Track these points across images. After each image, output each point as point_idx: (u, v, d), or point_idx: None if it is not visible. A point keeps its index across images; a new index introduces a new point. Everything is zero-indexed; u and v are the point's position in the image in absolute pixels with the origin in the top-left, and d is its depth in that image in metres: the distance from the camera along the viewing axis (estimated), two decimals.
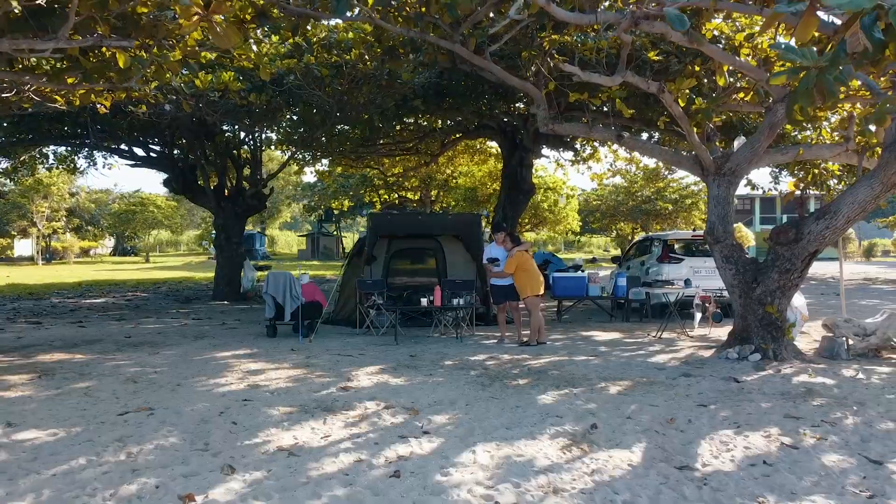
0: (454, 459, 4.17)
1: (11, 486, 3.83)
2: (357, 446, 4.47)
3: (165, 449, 4.42)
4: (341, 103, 11.56)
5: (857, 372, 6.81)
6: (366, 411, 5.32)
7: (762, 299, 7.18)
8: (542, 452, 4.34)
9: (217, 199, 15.09)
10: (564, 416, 5.20)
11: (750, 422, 5.15)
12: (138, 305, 14.88)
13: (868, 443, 4.72)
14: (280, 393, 5.86)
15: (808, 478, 4.06)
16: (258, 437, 4.66)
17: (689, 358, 7.63)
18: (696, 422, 5.13)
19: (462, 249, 11.12)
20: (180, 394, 5.78)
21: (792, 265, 7.07)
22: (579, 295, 11.30)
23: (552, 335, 9.53)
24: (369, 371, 6.85)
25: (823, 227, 6.82)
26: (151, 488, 3.80)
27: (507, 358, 7.72)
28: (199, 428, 4.87)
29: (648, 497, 3.73)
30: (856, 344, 7.54)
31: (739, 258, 7.53)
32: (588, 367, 7.17)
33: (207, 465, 4.14)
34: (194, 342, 8.85)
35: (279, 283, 8.73)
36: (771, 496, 3.78)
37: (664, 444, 4.63)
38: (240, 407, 5.39)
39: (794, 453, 4.49)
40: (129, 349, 8.22)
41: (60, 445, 4.47)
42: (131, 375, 6.50)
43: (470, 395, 5.85)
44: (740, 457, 4.39)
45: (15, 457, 4.26)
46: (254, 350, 8.12)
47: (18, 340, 8.93)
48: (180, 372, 6.71)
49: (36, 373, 6.54)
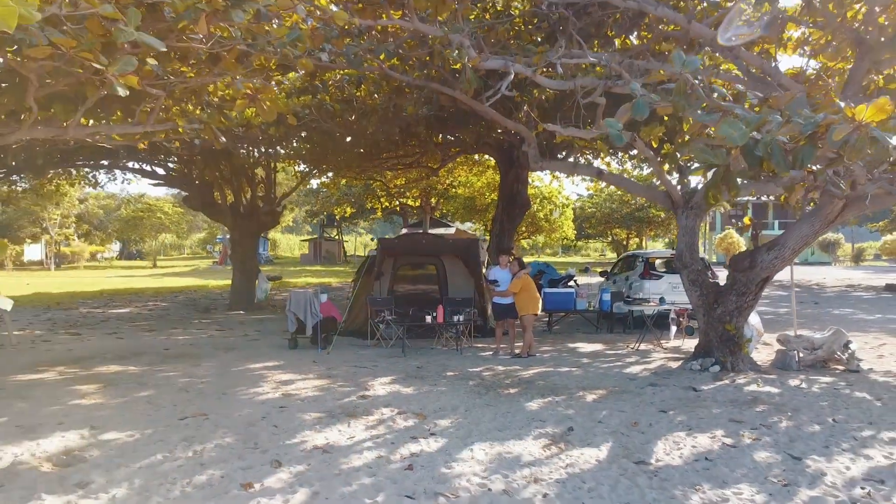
0: (456, 456, 5.25)
1: (109, 476, 4.91)
2: (377, 445, 5.56)
3: (223, 447, 5.51)
4: (351, 132, 12.68)
5: (801, 382, 7.92)
6: (382, 416, 6.42)
7: (722, 318, 8.30)
8: (526, 450, 5.43)
9: (233, 216, 16.19)
10: (547, 420, 6.30)
11: (700, 425, 6.24)
12: (162, 315, 15.98)
13: (794, 443, 5.81)
14: (309, 401, 6.97)
15: (739, 470, 5.14)
16: (296, 438, 5.75)
17: (659, 369, 8.74)
18: (656, 425, 6.23)
19: (462, 266, 12.23)
20: (227, 401, 6.89)
21: (747, 289, 8.19)
22: (568, 308, 12.43)
23: (542, 346, 10.66)
24: (383, 381, 7.96)
25: (773, 257, 7.94)
26: (218, 478, 4.88)
27: (501, 369, 8.84)
28: (247, 430, 5.96)
29: (609, 485, 4.82)
30: (805, 356, 8.65)
31: (704, 282, 8.64)
32: (570, 377, 8.28)
33: (259, 460, 5.23)
34: (226, 354, 9.96)
35: (301, 301, 9.86)
36: (706, 484, 4.86)
37: (627, 443, 5.72)
38: (278, 412, 6.49)
39: (732, 451, 5.58)
40: (173, 361, 9.32)
41: (139, 444, 5.56)
42: (182, 386, 7.61)
43: (468, 402, 6.96)
44: (687, 454, 5.48)
45: (105, 454, 5.35)
46: (280, 362, 9.24)
47: (71, 353, 10.02)
48: (223, 382, 7.81)
49: (101, 383, 7.64)
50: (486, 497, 4.49)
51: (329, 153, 14.21)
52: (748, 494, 4.67)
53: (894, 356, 9.79)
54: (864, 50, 7.21)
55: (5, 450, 5.38)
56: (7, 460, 5.19)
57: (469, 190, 29.60)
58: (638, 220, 33.98)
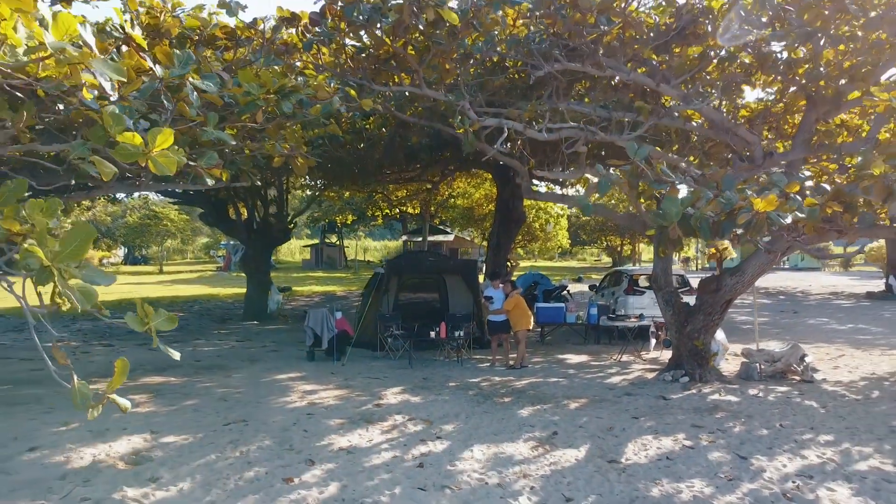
0: (458, 455, 6.37)
1: (174, 473, 6.00)
2: (392, 447, 6.67)
3: (264, 448, 6.61)
4: (360, 159, 13.82)
5: (759, 391, 9.05)
6: (395, 422, 7.54)
7: (691, 335, 9.44)
8: (517, 451, 6.54)
9: (247, 232, 17.31)
10: (535, 425, 7.42)
11: (666, 430, 7.35)
12: (182, 326, 17.06)
13: (743, 444, 6.91)
14: (332, 409, 8.09)
15: (694, 468, 6.25)
16: (324, 441, 6.86)
17: (636, 379, 9.88)
18: (628, 430, 7.35)
19: (462, 282, 13.39)
20: (261, 409, 8.00)
21: (713, 309, 9.33)
22: (559, 321, 13.59)
23: (534, 357, 11.79)
24: (394, 391, 9.08)
25: (735, 282, 9.08)
26: (263, 474, 5.98)
27: (497, 380, 9.97)
28: (282, 434, 7.07)
29: (584, 480, 5.92)
30: (766, 368, 9.79)
31: (676, 302, 9.78)
32: (557, 387, 9.41)
33: (295, 459, 6.33)
34: (252, 366, 11.10)
35: (318, 319, 11.01)
36: (665, 479, 5.97)
37: (602, 445, 6.83)
38: (306, 419, 7.61)
39: (690, 452, 6.69)
40: (206, 372, 10.45)
41: (194, 446, 6.66)
42: (221, 395, 8.73)
43: (469, 410, 8.08)
44: (652, 454, 6.59)
45: (167, 454, 6.45)
46: (302, 373, 10.37)
47: (110, 366, 11.08)
48: (256, 392, 8.93)
49: (150, 393, 8.76)
50: (484, 489, 5.60)
51: (337, 176, 15.37)
52: (699, 487, 5.78)
53: (848, 367, 10.92)
54: (811, 104, 8.36)
55: (84, 451, 6.48)
56: (88, 459, 6.28)
57: (467, 201, 30.78)
58: (631, 228, 35.14)
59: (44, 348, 2.71)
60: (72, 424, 7.34)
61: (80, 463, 6.17)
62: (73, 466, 6.09)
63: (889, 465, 6.27)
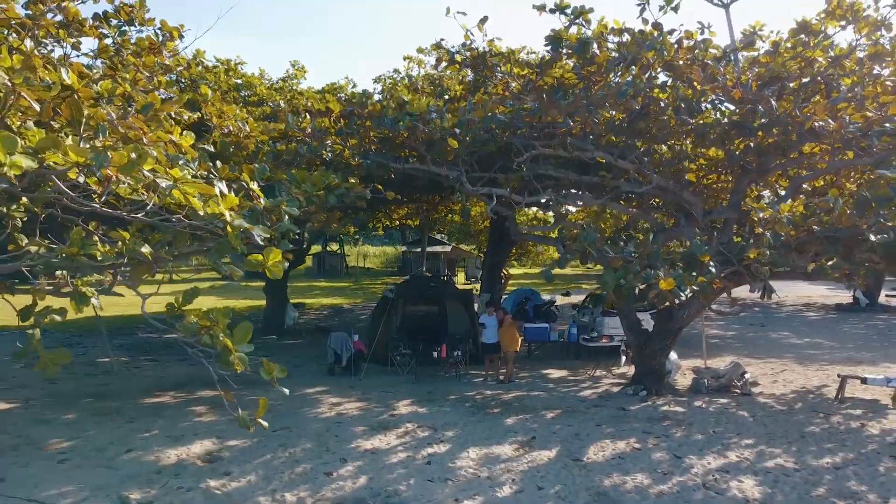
0: (457, 455, 8.32)
1: (241, 469, 7.90)
2: (405, 449, 8.63)
3: (307, 450, 8.55)
4: (370, 203, 15.77)
5: (703, 403, 11.03)
6: (407, 429, 9.49)
7: (649, 356, 11.42)
8: (503, 452, 8.50)
9: None
10: (518, 432, 9.38)
11: (622, 435, 9.31)
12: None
13: (681, 447, 8.87)
14: (356, 418, 10.05)
15: (639, 465, 8.17)
16: (352, 444, 8.81)
17: (604, 393, 11.87)
18: (592, 435, 9.30)
19: (460, 305, 15.40)
20: (299, 418, 9.95)
21: (667, 335, 11.33)
22: (544, 339, 15.63)
23: (521, 372, 13.79)
24: (404, 403, 11.05)
25: (683, 314, 11.08)
26: (308, 470, 7.92)
27: (489, 393, 11.95)
28: (319, 438, 9.01)
29: (554, 474, 7.86)
30: (713, 384, 11.78)
31: (637, 328, 11.77)
32: (538, 400, 11.39)
33: (332, 458, 8.27)
34: (283, 381, 13.00)
35: (339, 341, 13.05)
36: (616, 473, 7.91)
37: (570, 447, 8.78)
38: (336, 426, 9.56)
39: (638, 452, 8.65)
40: (248, 386, 12.23)
41: (252, 448, 8.59)
42: None
43: (465, 419, 10.03)
44: (608, 454, 8.55)
45: (233, 455, 8.38)
46: (326, 387, 12.33)
47: (164, 379, 13.09)
48: (292, 404, 10.84)
49: (207, 405, 10.70)
50: (477, 481, 7.55)
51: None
52: (640, 479, 7.73)
53: (785, 381, 12.89)
54: (743, 172, 10.37)
55: (169, 452, 8.40)
56: (174, 458, 8.21)
57: None
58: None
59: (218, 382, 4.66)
60: (153, 431, 9.27)
61: (168, 461, 8.11)
62: (164, 464, 8.02)
63: (791, 463, 8.22)
